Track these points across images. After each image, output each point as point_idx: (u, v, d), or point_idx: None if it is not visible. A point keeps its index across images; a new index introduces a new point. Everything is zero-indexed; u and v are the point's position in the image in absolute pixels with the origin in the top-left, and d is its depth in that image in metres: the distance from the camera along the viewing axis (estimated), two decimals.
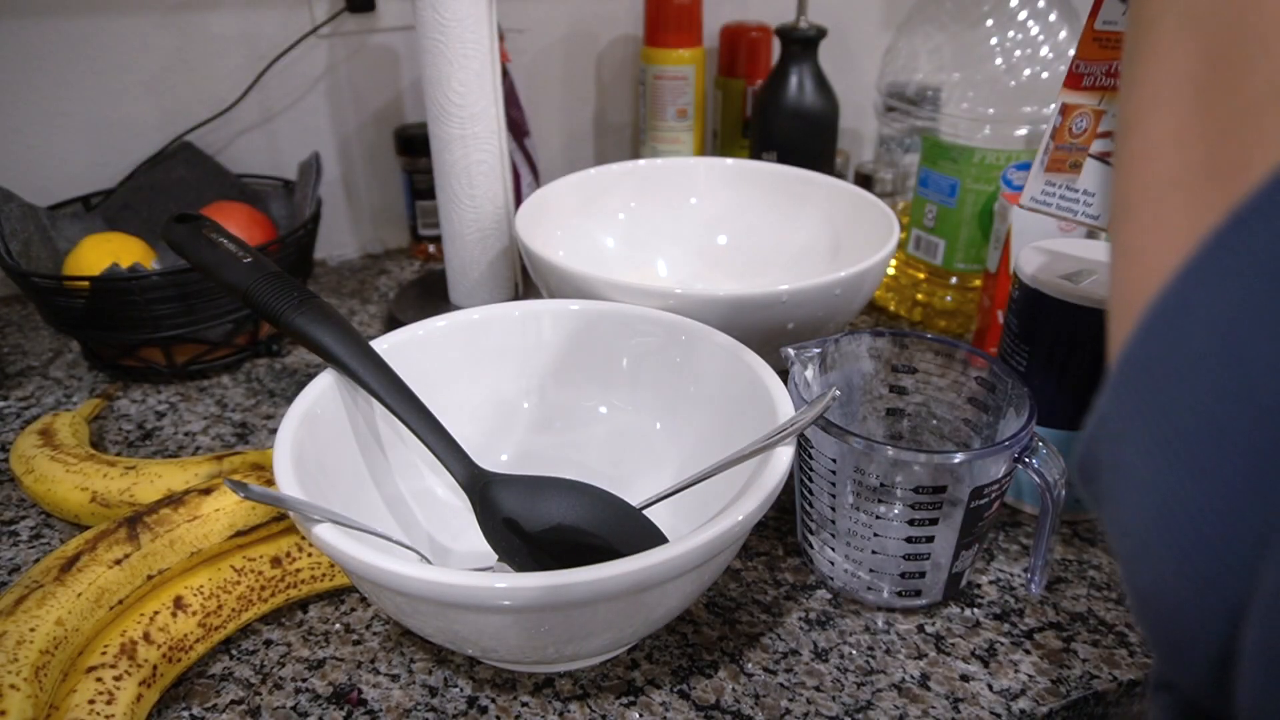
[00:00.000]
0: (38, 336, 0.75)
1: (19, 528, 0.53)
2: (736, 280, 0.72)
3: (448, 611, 0.35)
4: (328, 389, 0.46)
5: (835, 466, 0.45)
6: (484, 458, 0.48)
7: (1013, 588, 0.49)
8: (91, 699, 0.39)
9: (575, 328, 0.53)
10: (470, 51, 0.63)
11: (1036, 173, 0.46)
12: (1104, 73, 0.43)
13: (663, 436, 0.52)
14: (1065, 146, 0.44)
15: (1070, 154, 0.45)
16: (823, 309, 0.55)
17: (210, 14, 0.77)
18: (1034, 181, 0.46)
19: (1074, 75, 0.44)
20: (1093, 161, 0.44)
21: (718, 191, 0.74)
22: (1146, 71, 0.24)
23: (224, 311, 0.65)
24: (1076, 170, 0.44)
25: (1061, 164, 0.45)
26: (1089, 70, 0.44)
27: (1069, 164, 0.44)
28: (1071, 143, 0.44)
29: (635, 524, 0.45)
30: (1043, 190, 0.46)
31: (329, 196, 0.87)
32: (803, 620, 0.47)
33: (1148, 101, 0.23)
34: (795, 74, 0.81)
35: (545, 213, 0.66)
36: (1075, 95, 0.44)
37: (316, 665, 0.45)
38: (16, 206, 0.69)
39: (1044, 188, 0.46)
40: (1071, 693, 0.43)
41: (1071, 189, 0.44)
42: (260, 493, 0.37)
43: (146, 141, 0.79)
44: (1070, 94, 0.44)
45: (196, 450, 0.61)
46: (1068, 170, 0.45)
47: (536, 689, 0.43)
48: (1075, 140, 0.44)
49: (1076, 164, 0.44)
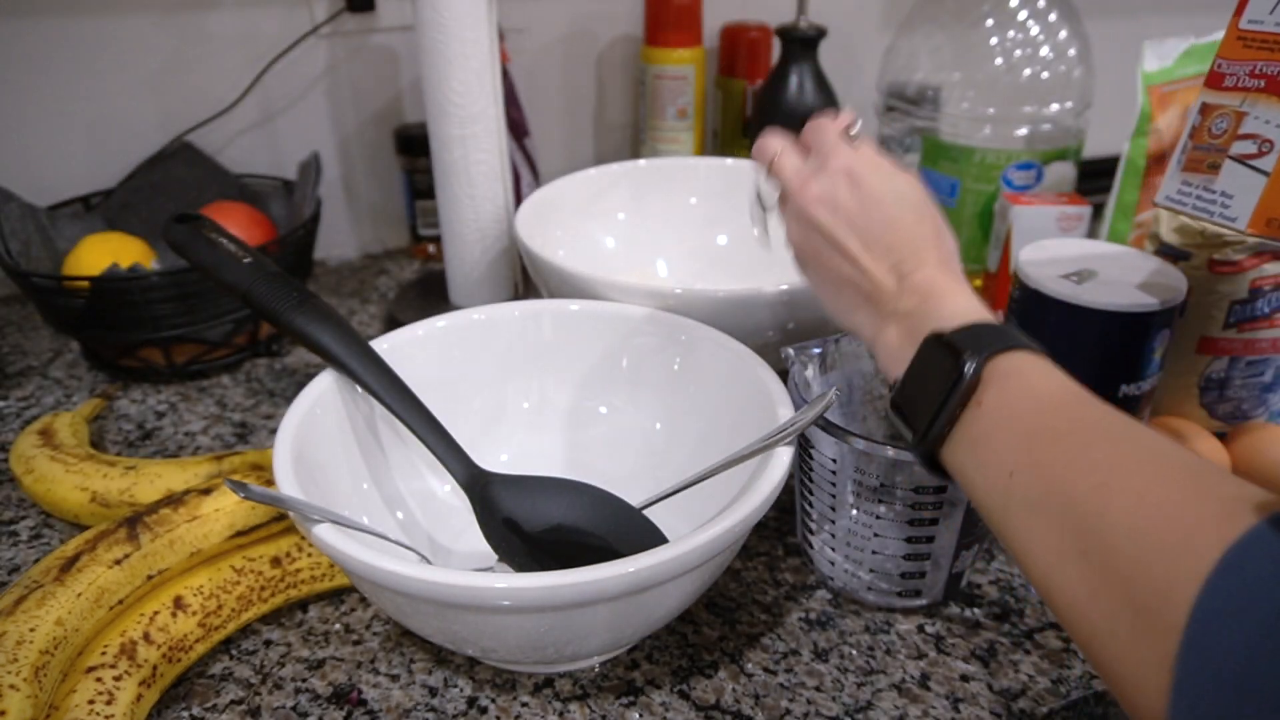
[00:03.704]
0: (38, 336, 0.75)
1: (19, 528, 0.53)
2: (736, 280, 0.72)
3: (448, 611, 0.35)
4: (328, 389, 0.46)
5: (835, 466, 0.45)
6: (484, 458, 0.48)
7: (1013, 588, 0.49)
8: (91, 699, 0.39)
9: (575, 328, 0.53)
10: (470, 51, 0.63)
11: (1173, 172, 0.45)
12: (1247, 73, 0.42)
13: (663, 436, 0.52)
14: (1204, 147, 0.44)
15: (1209, 155, 0.44)
16: (823, 309, 0.54)
17: (210, 14, 0.77)
18: (1170, 180, 0.46)
19: (1215, 74, 0.43)
20: (1231, 163, 0.43)
21: (718, 191, 0.74)
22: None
23: (224, 311, 0.65)
24: (1215, 171, 0.43)
25: (1199, 164, 0.44)
26: (1231, 70, 0.43)
27: (1206, 164, 0.44)
28: (1210, 143, 0.44)
29: (635, 524, 0.45)
30: (1179, 190, 0.45)
31: (329, 196, 0.87)
32: (803, 620, 0.47)
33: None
34: (795, 74, 0.81)
35: (545, 213, 0.66)
36: (1216, 95, 0.43)
37: (316, 665, 0.45)
38: (16, 206, 0.69)
39: (1180, 187, 0.45)
40: (1071, 693, 0.43)
41: (1209, 190, 0.44)
42: (260, 493, 0.37)
43: (146, 141, 0.79)
44: (1211, 93, 0.44)
45: (196, 450, 0.60)
46: (1205, 171, 0.44)
47: (536, 689, 0.43)
48: (1214, 141, 0.43)
49: (1215, 165, 0.43)
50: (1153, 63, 0.65)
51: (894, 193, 0.41)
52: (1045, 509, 0.30)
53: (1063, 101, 0.72)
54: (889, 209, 0.41)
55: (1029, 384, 0.34)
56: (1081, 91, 0.72)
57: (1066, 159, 0.73)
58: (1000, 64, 0.71)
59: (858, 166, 0.42)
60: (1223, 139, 0.43)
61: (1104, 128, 0.82)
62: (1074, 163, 0.74)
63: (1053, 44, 0.71)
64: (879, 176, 0.42)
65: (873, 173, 0.42)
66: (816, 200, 0.42)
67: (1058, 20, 0.71)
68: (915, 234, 0.41)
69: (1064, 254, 0.52)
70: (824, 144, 0.43)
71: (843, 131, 0.44)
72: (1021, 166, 0.72)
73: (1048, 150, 0.72)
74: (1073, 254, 0.52)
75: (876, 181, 0.41)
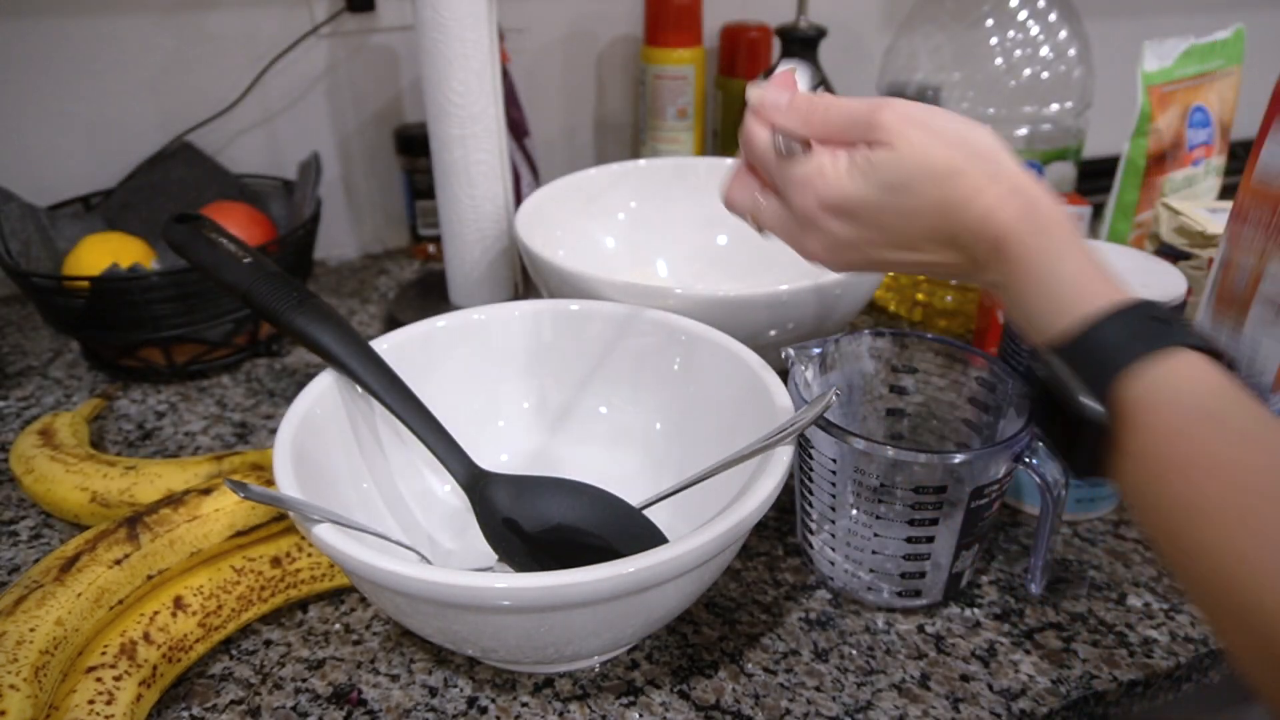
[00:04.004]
0: (38, 336, 0.75)
1: (19, 528, 0.53)
2: (736, 280, 0.72)
3: (448, 611, 0.35)
4: (328, 389, 0.46)
5: (835, 466, 0.45)
6: (484, 458, 0.48)
7: (1013, 588, 0.49)
8: (91, 699, 0.39)
9: (575, 328, 0.53)
10: (470, 51, 0.63)
11: (1205, 309, 0.47)
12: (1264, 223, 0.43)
13: (663, 436, 0.52)
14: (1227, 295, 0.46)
15: (1234, 304, 0.46)
16: (823, 309, 0.55)
17: (210, 14, 0.77)
18: (1203, 315, 0.48)
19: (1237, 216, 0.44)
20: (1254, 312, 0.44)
21: (718, 191, 0.73)
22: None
23: (224, 311, 0.65)
24: (1242, 317, 0.45)
25: (1227, 308, 0.46)
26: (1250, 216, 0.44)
27: (1233, 310, 0.46)
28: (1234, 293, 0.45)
29: (635, 524, 0.45)
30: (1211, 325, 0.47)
31: (329, 196, 0.87)
32: (803, 620, 0.47)
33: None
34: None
35: (545, 213, 0.66)
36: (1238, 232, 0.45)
37: (316, 665, 0.45)
38: (16, 206, 0.69)
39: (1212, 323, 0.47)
40: (1071, 693, 0.43)
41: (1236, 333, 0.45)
42: (260, 493, 0.37)
43: (146, 141, 0.79)
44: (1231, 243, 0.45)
45: (196, 450, 0.60)
46: (1234, 313, 0.46)
47: (536, 689, 0.43)
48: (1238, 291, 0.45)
49: (1242, 311, 0.45)
50: (1153, 63, 0.65)
51: (883, 187, 0.34)
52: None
53: (1063, 101, 0.72)
54: (894, 207, 0.34)
55: (1175, 420, 0.27)
56: (1081, 91, 0.72)
57: (1066, 159, 0.73)
58: (1000, 64, 0.71)
59: (825, 193, 0.36)
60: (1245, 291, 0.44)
61: (1104, 128, 0.82)
62: (1074, 163, 0.74)
63: (1053, 44, 0.71)
64: (855, 184, 0.35)
65: (845, 187, 0.35)
66: (821, 251, 0.38)
67: (1058, 20, 0.71)
68: (946, 199, 0.33)
69: None
70: (775, 177, 0.38)
71: (774, 141, 0.37)
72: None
73: (1048, 150, 0.72)
74: None
75: (856, 191, 0.35)
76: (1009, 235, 0.33)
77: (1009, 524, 0.54)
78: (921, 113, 0.35)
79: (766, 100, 0.38)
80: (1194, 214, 0.54)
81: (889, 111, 0.34)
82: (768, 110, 0.38)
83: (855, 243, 0.36)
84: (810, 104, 0.37)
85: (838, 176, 0.36)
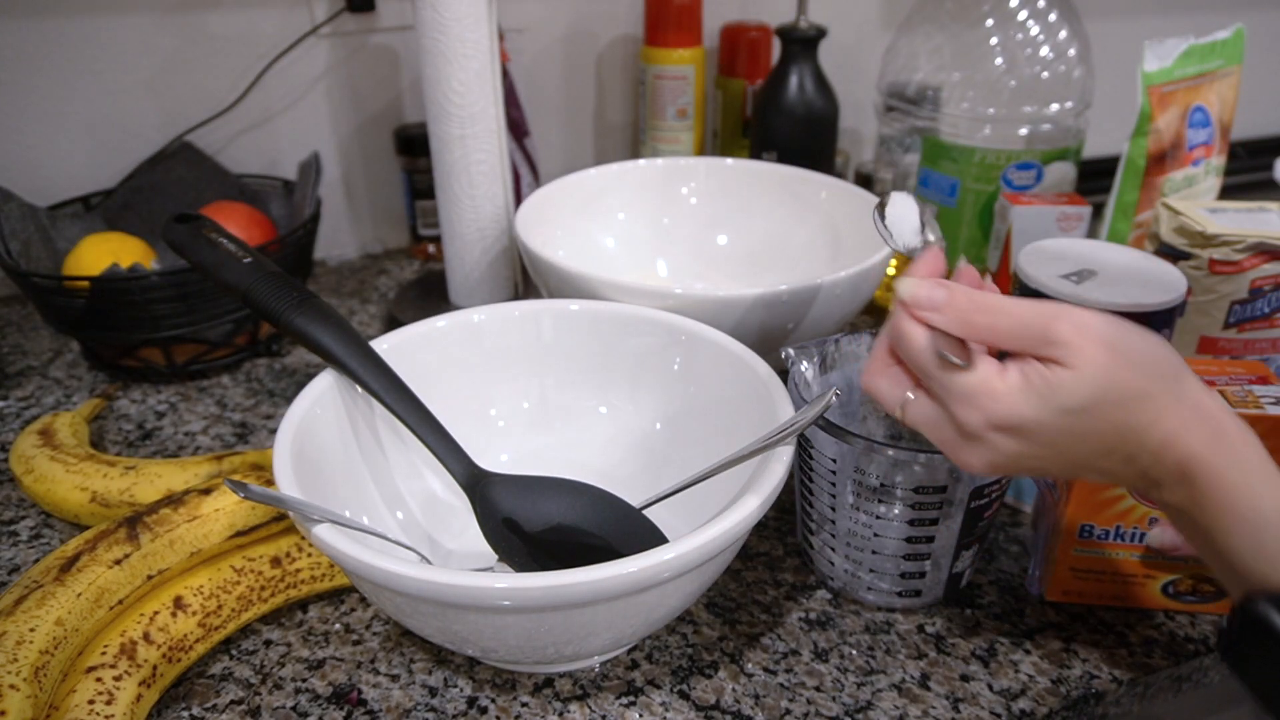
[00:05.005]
0: (38, 336, 0.75)
1: (19, 528, 0.53)
2: (736, 280, 0.72)
3: (448, 611, 0.35)
4: (328, 389, 0.46)
5: (835, 466, 0.45)
6: (484, 458, 0.48)
7: (1013, 588, 0.49)
8: (91, 699, 0.39)
9: (575, 328, 0.53)
10: (470, 51, 0.63)
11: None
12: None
13: (663, 436, 0.52)
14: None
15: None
16: (823, 309, 0.55)
17: (210, 14, 0.77)
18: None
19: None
20: None
21: (717, 191, 0.74)
22: None
23: (224, 311, 0.65)
24: None
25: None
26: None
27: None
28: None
29: (635, 524, 0.45)
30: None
31: (329, 196, 0.87)
32: (803, 620, 0.47)
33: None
34: (795, 74, 0.80)
35: (545, 213, 0.66)
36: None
37: (316, 665, 0.45)
38: (16, 206, 0.69)
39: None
40: (1071, 693, 0.43)
41: None
42: (260, 493, 0.37)
43: (146, 141, 0.79)
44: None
45: (196, 450, 0.60)
46: None
47: (536, 689, 0.43)
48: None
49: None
50: (1153, 63, 0.65)
51: (1061, 411, 0.32)
52: None
53: (1063, 101, 0.72)
54: (1070, 430, 0.32)
55: None
56: (1081, 91, 0.72)
57: (1066, 159, 0.73)
58: (1000, 64, 0.71)
59: (995, 412, 0.32)
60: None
61: (1104, 128, 0.82)
62: (1074, 163, 0.74)
63: (1053, 44, 0.71)
64: (1031, 407, 0.32)
65: (1019, 410, 0.32)
66: (982, 466, 0.34)
67: (1058, 20, 0.71)
68: (1128, 424, 0.31)
69: (1064, 254, 0.52)
70: (932, 383, 0.35)
71: (933, 344, 0.34)
72: (1021, 166, 0.72)
73: (1048, 150, 0.72)
74: (1073, 254, 0.52)
75: (1032, 414, 0.32)
76: (1197, 463, 0.31)
77: (1009, 524, 0.54)
78: (1101, 326, 0.32)
79: (920, 298, 0.34)
80: (1194, 214, 0.54)
81: (1066, 324, 0.32)
82: (923, 310, 0.34)
83: (1020, 457, 0.34)
84: (972, 304, 0.33)
85: (1010, 395, 0.33)
